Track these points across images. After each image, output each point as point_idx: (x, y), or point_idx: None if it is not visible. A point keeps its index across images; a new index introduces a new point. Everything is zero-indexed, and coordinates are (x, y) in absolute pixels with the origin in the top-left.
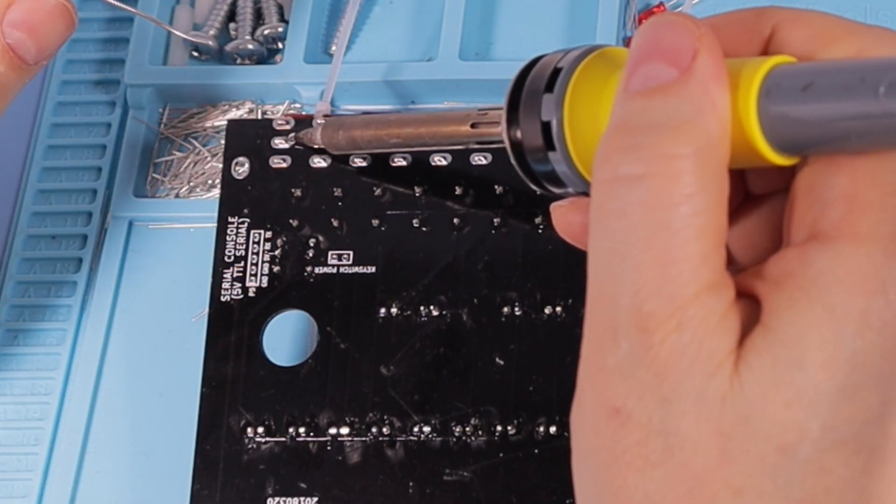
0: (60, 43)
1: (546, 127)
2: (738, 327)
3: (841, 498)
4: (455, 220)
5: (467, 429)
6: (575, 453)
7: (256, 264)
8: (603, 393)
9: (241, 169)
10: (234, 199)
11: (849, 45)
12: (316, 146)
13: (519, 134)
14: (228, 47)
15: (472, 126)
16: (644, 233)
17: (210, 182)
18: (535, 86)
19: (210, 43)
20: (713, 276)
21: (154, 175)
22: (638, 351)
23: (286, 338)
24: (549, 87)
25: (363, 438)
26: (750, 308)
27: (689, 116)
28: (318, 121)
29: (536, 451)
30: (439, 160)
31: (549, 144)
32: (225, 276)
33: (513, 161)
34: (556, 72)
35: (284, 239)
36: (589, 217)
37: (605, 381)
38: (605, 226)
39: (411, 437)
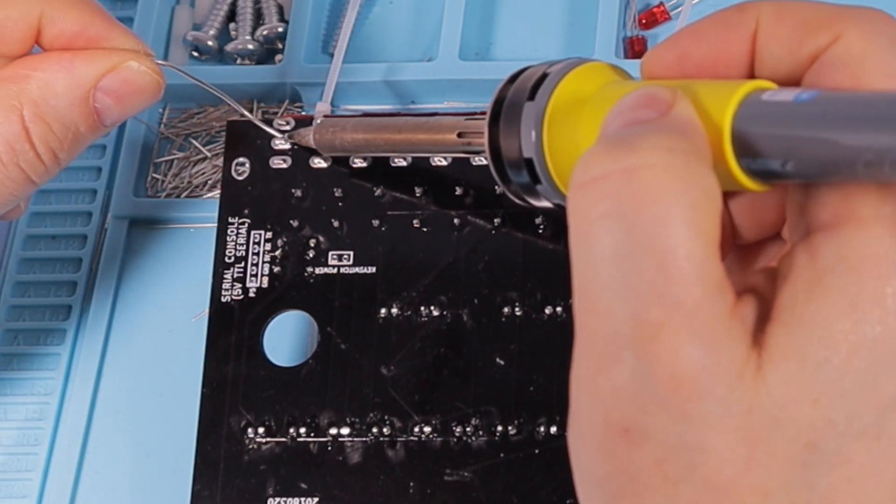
0: (140, 112)
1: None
2: (745, 329)
3: (862, 485)
4: (455, 221)
5: (468, 429)
6: (579, 477)
7: (257, 265)
8: (609, 414)
9: (242, 169)
10: (234, 200)
11: (833, 31)
12: (311, 147)
13: (499, 144)
14: (228, 47)
15: (459, 135)
16: (640, 232)
17: (210, 182)
18: (516, 98)
19: (210, 43)
20: (716, 277)
21: (154, 175)
22: (646, 365)
23: (287, 338)
24: (531, 99)
25: (364, 439)
26: (753, 306)
27: (675, 129)
28: (318, 121)
29: (537, 451)
30: (439, 161)
31: (525, 154)
32: (225, 276)
33: (493, 171)
34: (538, 84)
35: (285, 239)
36: (570, 229)
37: (611, 402)
38: (593, 231)
39: (412, 438)
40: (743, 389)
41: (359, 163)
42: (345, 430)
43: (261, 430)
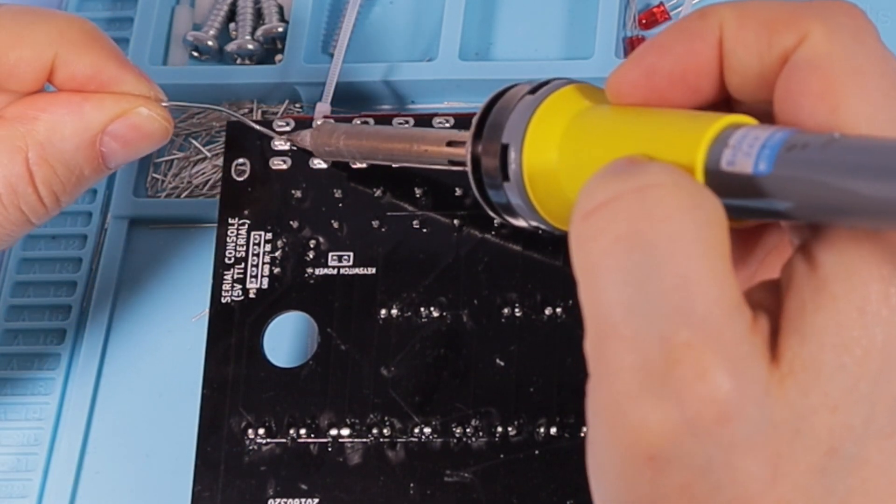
0: (145, 154)
1: (503, 160)
2: (764, 344)
3: (876, 484)
4: (455, 222)
5: (468, 430)
6: (600, 502)
7: (257, 266)
8: (635, 442)
9: (242, 169)
10: (234, 201)
11: (797, 30)
12: (309, 149)
13: (479, 163)
14: (228, 47)
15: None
16: (659, 251)
17: (210, 182)
18: (498, 118)
19: (210, 43)
20: (735, 294)
21: (154, 175)
22: (674, 391)
23: (287, 339)
24: (511, 119)
25: (364, 440)
26: (765, 320)
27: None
28: (318, 122)
29: (537, 452)
30: None
31: (504, 175)
32: (225, 277)
33: (474, 189)
34: (522, 104)
35: (285, 240)
36: (577, 260)
37: (636, 429)
38: (609, 256)
39: (412, 439)
40: (769, 406)
41: (359, 164)
42: (345, 431)
43: (261, 431)
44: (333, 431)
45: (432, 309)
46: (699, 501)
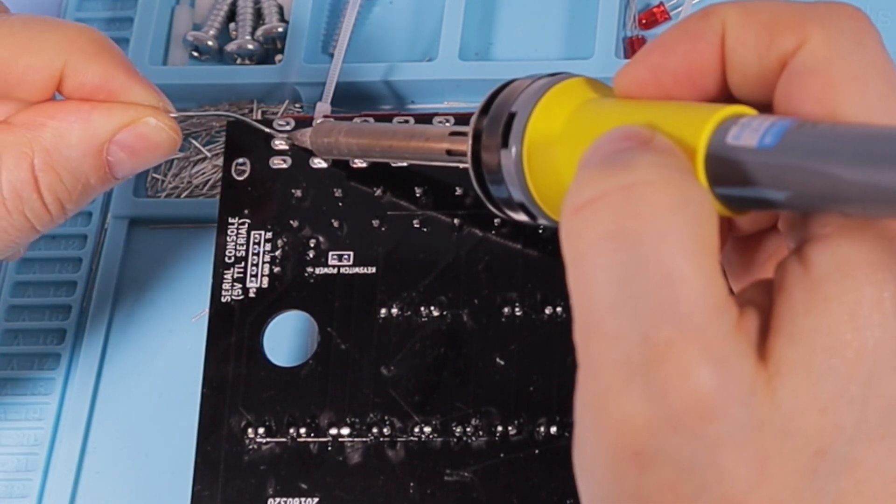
0: (153, 166)
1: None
2: (750, 343)
3: (869, 486)
4: (455, 221)
5: (468, 429)
6: (587, 499)
7: (257, 265)
8: (619, 438)
9: (242, 169)
10: (234, 200)
11: (797, 34)
12: (309, 148)
13: (480, 157)
14: (228, 47)
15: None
16: (645, 249)
17: (210, 182)
18: (499, 111)
19: (210, 43)
20: (721, 292)
21: (154, 175)
22: (657, 388)
23: (287, 338)
24: (512, 113)
25: (364, 439)
26: (753, 319)
27: (661, 150)
28: (318, 121)
29: (537, 451)
30: None
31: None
32: (225, 276)
33: (474, 183)
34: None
35: (285, 240)
36: (567, 254)
37: (621, 426)
38: (595, 253)
39: (412, 438)
40: (755, 405)
41: (358, 163)
42: (345, 431)
43: (261, 430)
44: (333, 431)
45: (432, 308)
46: (685, 500)
